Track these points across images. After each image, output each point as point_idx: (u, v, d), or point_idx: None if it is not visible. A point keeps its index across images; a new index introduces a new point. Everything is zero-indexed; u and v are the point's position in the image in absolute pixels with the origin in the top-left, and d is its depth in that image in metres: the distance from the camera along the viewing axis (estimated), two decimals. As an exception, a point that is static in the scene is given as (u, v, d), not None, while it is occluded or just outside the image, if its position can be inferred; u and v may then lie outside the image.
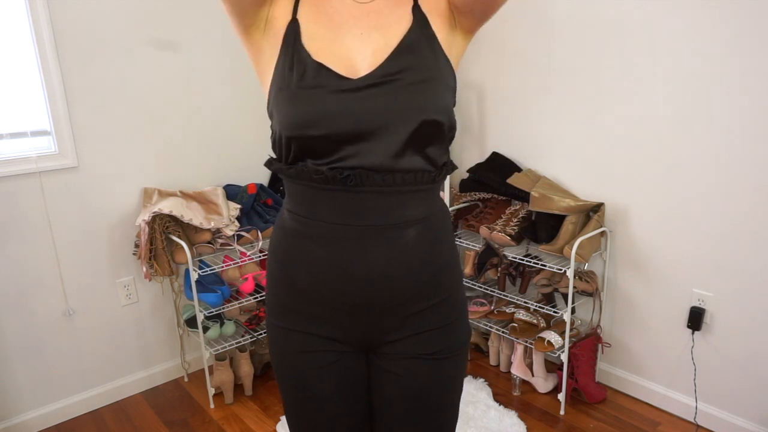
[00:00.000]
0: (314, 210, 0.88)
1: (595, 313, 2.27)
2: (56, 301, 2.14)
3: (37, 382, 2.14)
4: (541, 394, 2.30)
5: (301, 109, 0.83)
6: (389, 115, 0.83)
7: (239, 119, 2.51)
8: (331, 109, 0.82)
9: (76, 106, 2.05)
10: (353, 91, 0.83)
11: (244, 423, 2.17)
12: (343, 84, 0.83)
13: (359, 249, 0.87)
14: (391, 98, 0.83)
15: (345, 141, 0.83)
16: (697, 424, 2.08)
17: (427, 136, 0.85)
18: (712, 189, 1.90)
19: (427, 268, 0.91)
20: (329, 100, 0.83)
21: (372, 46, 0.86)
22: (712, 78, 1.83)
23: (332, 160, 0.84)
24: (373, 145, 0.83)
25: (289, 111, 0.84)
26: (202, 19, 2.31)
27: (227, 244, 2.26)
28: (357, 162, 0.84)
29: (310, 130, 0.82)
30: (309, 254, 0.89)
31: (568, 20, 2.15)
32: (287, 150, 0.86)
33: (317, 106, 0.82)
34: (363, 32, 0.87)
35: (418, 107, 0.84)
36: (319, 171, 0.84)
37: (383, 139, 0.83)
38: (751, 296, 1.88)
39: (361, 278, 0.88)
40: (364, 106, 0.83)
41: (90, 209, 2.16)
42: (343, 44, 0.86)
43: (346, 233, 0.87)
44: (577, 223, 2.17)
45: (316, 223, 0.88)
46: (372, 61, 0.85)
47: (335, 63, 0.84)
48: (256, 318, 2.45)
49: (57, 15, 1.95)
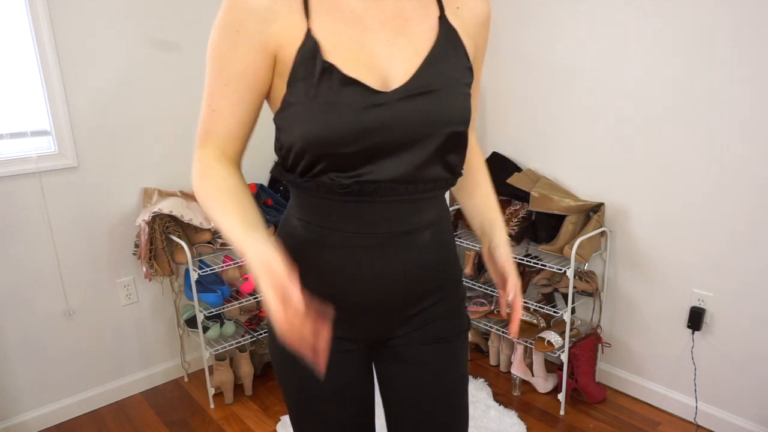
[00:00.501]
0: (330, 219, 0.86)
1: (595, 313, 2.27)
2: (56, 301, 2.14)
3: (37, 382, 2.14)
4: (541, 394, 2.30)
5: (331, 126, 0.78)
6: (420, 129, 0.81)
7: (239, 119, 2.50)
8: (364, 126, 0.78)
9: (76, 106, 2.05)
10: (386, 106, 0.79)
11: (244, 423, 2.18)
12: (376, 99, 0.79)
13: (377, 255, 0.87)
14: (423, 112, 0.81)
15: (374, 156, 0.81)
16: (697, 424, 2.08)
17: (450, 146, 0.85)
18: (712, 189, 1.90)
19: (438, 266, 0.94)
20: (362, 116, 0.78)
21: (401, 54, 0.82)
22: (713, 78, 1.82)
23: (357, 173, 0.81)
24: (401, 158, 0.82)
25: (315, 127, 0.79)
26: (202, 19, 2.31)
27: (227, 244, 2.26)
28: (382, 175, 0.82)
29: (341, 148, 0.79)
30: (324, 262, 0.88)
31: (568, 20, 2.15)
32: (309, 164, 0.82)
33: (349, 123, 0.78)
34: (389, 38, 0.82)
35: (446, 120, 0.83)
36: (343, 185, 0.81)
37: (411, 152, 0.82)
38: (751, 296, 1.88)
39: (378, 281, 0.88)
40: (397, 121, 0.80)
41: (90, 209, 2.16)
42: (371, 52, 0.81)
43: (364, 241, 0.86)
44: (577, 223, 2.17)
45: (333, 232, 0.86)
46: (402, 71, 0.81)
47: (365, 75, 0.79)
48: (256, 318, 2.45)
49: (57, 15, 1.95)
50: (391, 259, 0.87)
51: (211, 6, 2.32)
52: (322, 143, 0.79)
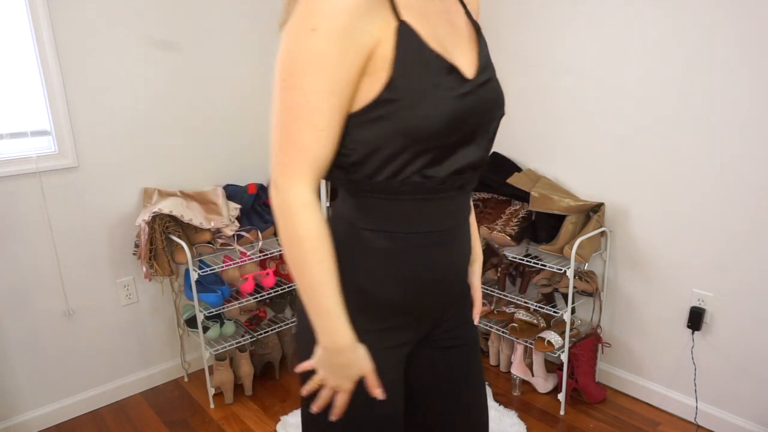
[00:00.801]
0: (406, 223, 0.84)
1: (595, 313, 2.27)
2: (56, 301, 2.14)
3: (37, 382, 2.14)
4: (541, 394, 2.30)
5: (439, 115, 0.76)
6: (492, 113, 0.85)
7: (239, 119, 2.51)
8: (462, 112, 0.78)
9: (76, 106, 2.05)
10: (472, 93, 0.80)
11: (244, 423, 2.18)
12: (467, 86, 0.80)
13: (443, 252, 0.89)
14: (494, 97, 0.85)
15: (465, 143, 0.82)
16: (697, 424, 2.08)
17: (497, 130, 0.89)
18: (712, 189, 1.90)
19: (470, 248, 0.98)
20: (460, 102, 0.78)
21: (461, 47, 0.84)
22: (713, 78, 1.82)
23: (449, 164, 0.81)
24: (477, 144, 0.84)
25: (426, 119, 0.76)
26: (202, 19, 2.31)
27: (227, 244, 2.26)
28: (467, 162, 0.83)
29: (444, 137, 0.78)
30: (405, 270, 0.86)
31: (568, 21, 2.15)
32: (404, 162, 0.79)
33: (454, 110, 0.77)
34: (450, 33, 0.84)
35: (503, 103, 0.88)
36: (434, 182, 0.81)
37: (483, 138, 0.85)
38: (751, 296, 1.88)
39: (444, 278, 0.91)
40: (480, 106, 0.82)
41: (90, 209, 2.16)
42: (450, 48, 0.82)
43: (434, 239, 0.87)
44: (577, 223, 2.17)
45: (410, 236, 0.85)
46: (468, 61, 0.83)
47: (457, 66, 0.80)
48: (256, 318, 2.45)
49: (57, 15, 1.95)
50: (450, 254, 0.90)
51: (212, 6, 2.32)
52: (427, 134, 0.76)
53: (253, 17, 2.46)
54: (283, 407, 2.27)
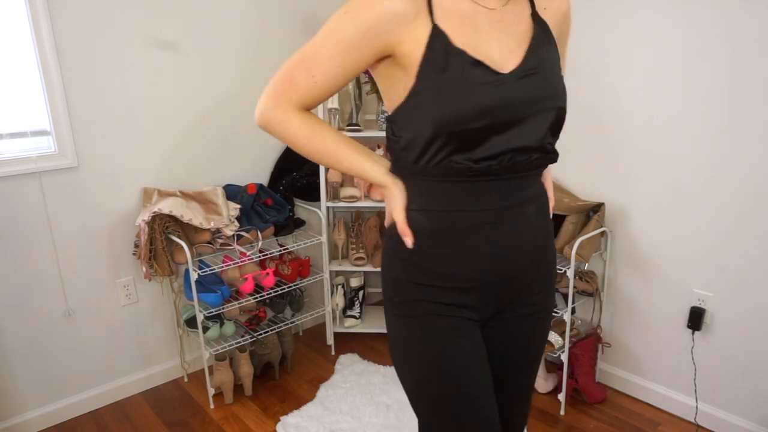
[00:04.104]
0: (453, 203, 0.96)
1: (595, 313, 2.27)
2: (56, 301, 2.14)
3: (37, 382, 2.14)
4: (541, 394, 2.30)
5: (464, 104, 0.90)
6: (534, 105, 0.94)
7: (239, 119, 2.51)
8: (489, 102, 0.90)
9: (76, 106, 2.05)
10: (506, 85, 0.92)
11: (244, 423, 2.17)
12: (499, 78, 0.92)
13: (496, 229, 0.97)
14: (536, 90, 0.95)
15: (498, 130, 0.92)
16: (697, 424, 2.08)
17: (560, 120, 0.99)
18: (712, 189, 1.90)
19: (543, 238, 1.04)
20: (488, 94, 0.90)
21: (507, 48, 0.96)
22: (713, 78, 1.82)
23: (482, 150, 0.92)
24: (520, 131, 0.94)
25: (450, 108, 0.90)
26: (203, 19, 2.31)
27: (227, 244, 2.26)
28: (506, 148, 0.93)
29: (471, 123, 0.90)
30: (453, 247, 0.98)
31: (568, 20, 2.14)
32: (438, 148, 0.92)
33: (478, 100, 0.90)
34: (498, 36, 0.96)
35: (555, 95, 0.98)
36: (468, 166, 0.93)
37: (530, 126, 0.94)
38: (751, 296, 1.88)
39: (500, 255, 0.99)
40: (516, 97, 0.92)
41: (90, 209, 2.16)
42: (485, 46, 0.94)
43: (485, 218, 0.97)
44: (577, 223, 2.17)
45: (457, 215, 0.97)
46: (512, 59, 0.95)
47: (487, 60, 0.92)
48: (256, 318, 2.45)
49: (57, 15, 1.95)
50: (507, 231, 0.98)
51: (212, 6, 2.32)
52: (453, 121, 0.90)
53: (254, 17, 2.46)
54: (282, 407, 2.27)
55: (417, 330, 1.02)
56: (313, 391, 2.36)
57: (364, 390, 2.32)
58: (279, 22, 2.54)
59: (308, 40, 0.96)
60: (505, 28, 0.97)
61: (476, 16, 0.95)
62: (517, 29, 0.98)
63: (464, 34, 0.93)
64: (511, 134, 0.93)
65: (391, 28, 0.91)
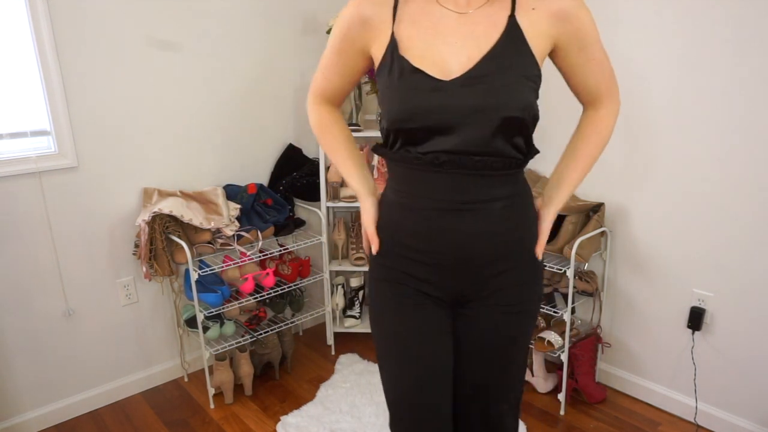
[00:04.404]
0: (413, 187, 1.07)
1: (595, 313, 2.27)
2: (56, 301, 2.14)
3: (37, 382, 2.14)
4: (541, 394, 2.30)
5: (400, 104, 1.01)
6: (474, 111, 0.98)
7: (239, 119, 2.51)
8: (424, 105, 0.99)
9: (76, 106, 2.05)
10: (445, 91, 0.99)
11: (244, 423, 2.17)
12: (437, 85, 0.99)
13: (453, 219, 1.05)
14: (478, 98, 0.98)
15: (436, 132, 1.00)
16: (697, 424, 2.08)
17: (510, 129, 1.00)
18: (712, 189, 1.90)
19: (510, 235, 1.09)
20: (423, 98, 0.99)
21: (467, 52, 1.00)
22: (713, 78, 1.83)
23: (425, 146, 1.02)
24: (462, 135, 0.99)
25: (392, 108, 1.02)
26: (202, 19, 2.31)
27: (227, 244, 2.26)
28: (445, 148, 1.00)
29: (408, 123, 1.01)
30: (411, 222, 1.08)
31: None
32: (393, 139, 1.06)
33: (413, 103, 1.00)
34: (458, 41, 1.01)
35: (499, 106, 0.98)
36: (417, 157, 1.03)
37: (471, 131, 0.99)
38: (751, 296, 1.88)
39: (454, 242, 1.06)
40: (452, 103, 0.98)
41: (90, 209, 2.16)
42: (439, 50, 1.01)
43: (440, 206, 1.05)
44: (577, 223, 2.17)
45: (416, 198, 1.07)
46: (462, 65, 0.99)
47: (430, 67, 1.00)
48: (256, 318, 2.45)
49: (57, 15, 1.95)
50: (465, 224, 1.05)
51: (211, 6, 2.32)
52: (394, 120, 1.02)
53: (254, 18, 2.46)
54: (282, 407, 2.27)
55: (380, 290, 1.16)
56: (313, 391, 2.36)
57: (364, 390, 2.32)
58: (279, 22, 2.54)
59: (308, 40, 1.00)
60: (471, 32, 1.01)
61: (441, 21, 1.02)
62: (484, 33, 1.00)
63: (417, 39, 1.02)
64: (454, 136, 1.00)
65: (361, 32, 1.07)
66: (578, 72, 1.09)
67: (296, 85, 2.66)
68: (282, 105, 2.64)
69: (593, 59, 1.08)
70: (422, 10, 1.03)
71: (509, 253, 1.09)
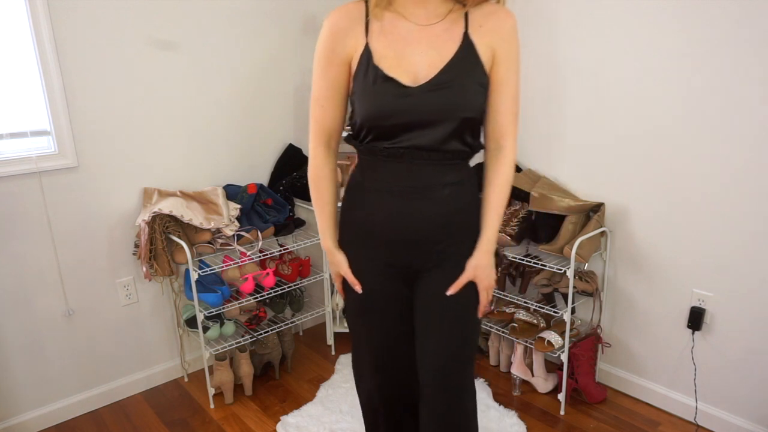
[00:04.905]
0: (377, 173, 1.25)
1: (595, 313, 2.27)
2: (56, 301, 2.14)
3: (37, 382, 2.14)
4: (541, 394, 2.30)
5: (375, 107, 1.18)
6: (438, 113, 1.17)
7: (239, 119, 2.51)
8: (394, 108, 1.17)
9: (76, 106, 2.05)
10: (413, 96, 1.16)
11: (244, 423, 2.17)
12: (406, 91, 1.17)
13: (407, 201, 1.24)
14: (441, 100, 1.17)
15: (404, 129, 1.19)
16: (697, 424, 2.08)
17: (465, 127, 1.20)
18: (712, 189, 1.90)
19: (454, 216, 1.27)
20: (394, 101, 1.17)
21: (429, 61, 1.17)
22: (713, 78, 1.82)
23: (395, 141, 1.20)
24: (425, 133, 1.18)
25: (367, 107, 1.19)
26: (202, 19, 2.31)
27: (227, 244, 2.26)
28: (411, 144, 1.19)
29: (381, 121, 1.19)
30: (371, 202, 1.27)
31: (569, 21, 2.15)
32: (365, 133, 1.22)
33: (386, 105, 1.17)
34: (424, 50, 1.18)
35: (460, 107, 1.17)
36: (385, 149, 1.21)
37: (433, 129, 1.18)
38: (751, 296, 1.88)
39: (408, 220, 1.25)
40: (419, 106, 1.17)
41: (90, 209, 2.16)
42: (409, 59, 1.18)
43: (402, 190, 1.24)
44: (577, 223, 2.17)
45: (378, 182, 1.26)
46: (429, 72, 1.17)
47: (401, 75, 1.17)
48: (256, 318, 2.45)
49: (57, 15, 1.95)
50: (417, 205, 1.24)
51: (211, 6, 2.32)
52: (370, 118, 1.19)
53: (254, 18, 2.46)
54: (283, 407, 2.27)
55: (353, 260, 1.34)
56: (314, 391, 2.36)
57: (364, 390, 2.32)
58: (280, 22, 2.54)
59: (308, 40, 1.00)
60: (433, 43, 1.19)
61: (408, 32, 1.19)
62: (444, 45, 1.18)
63: (389, 50, 1.19)
64: (417, 133, 1.18)
65: (340, 42, 1.21)
66: (499, 90, 1.23)
67: (296, 85, 2.66)
68: (282, 105, 2.64)
69: (511, 82, 1.24)
70: (391, 24, 1.20)
71: (455, 232, 1.28)
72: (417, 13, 1.19)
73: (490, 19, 1.20)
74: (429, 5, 1.19)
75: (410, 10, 1.19)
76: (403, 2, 1.20)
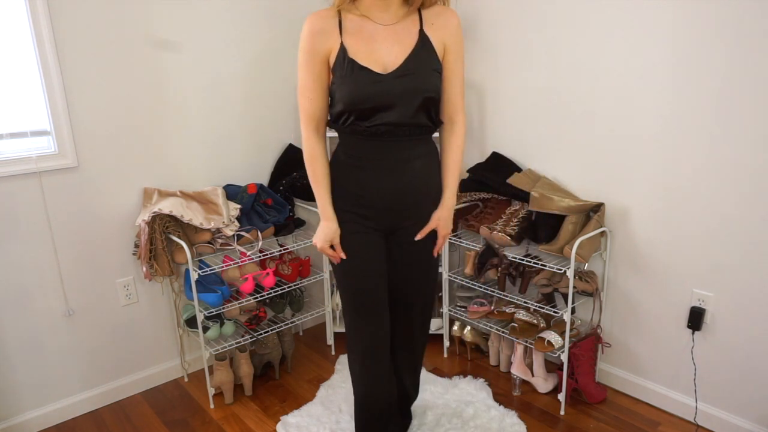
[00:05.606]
0: (360, 151, 1.54)
1: (595, 313, 2.27)
2: (56, 301, 2.14)
3: (37, 382, 2.14)
4: (541, 394, 2.30)
5: (354, 92, 1.46)
6: (406, 95, 1.47)
7: (239, 119, 2.51)
8: (371, 92, 1.46)
9: (76, 106, 2.05)
10: (384, 82, 1.46)
11: (244, 423, 2.17)
12: (378, 78, 1.46)
13: (388, 173, 1.55)
14: (407, 85, 1.47)
15: (380, 110, 1.47)
16: (697, 424, 2.08)
17: (429, 104, 1.51)
18: (712, 189, 1.90)
19: (424, 184, 1.62)
20: (371, 87, 1.46)
21: (395, 53, 1.48)
22: (713, 79, 1.82)
23: (372, 120, 1.48)
24: (396, 111, 1.47)
25: (347, 93, 1.47)
26: (203, 19, 2.31)
27: (227, 244, 2.26)
28: (385, 121, 1.48)
29: (360, 104, 1.47)
30: (358, 178, 1.57)
31: (567, 20, 2.14)
32: (346, 117, 1.50)
33: (363, 90, 1.46)
34: (388, 45, 1.48)
35: (422, 89, 1.49)
36: (366, 129, 1.49)
37: (403, 108, 1.48)
38: (751, 296, 1.88)
39: (390, 190, 1.56)
40: (391, 90, 1.46)
41: (90, 209, 2.16)
42: (378, 52, 1.48)
43: (380, 164, 1.54)
44: (577, 223, 2.17)
45: (362, 160, 1.55)
46: (395, 63, 1.47)
47: (373, 65, 1.46)
48: (256, 318, 2.45)
49: (57, 15, 1.95)
50: (397, 176, 1.55)
51: (211, 6, 2.32)
52: (351, 102, 1.47)
53: (254, 18, 2.46)
54: (283, 407, 2.27)
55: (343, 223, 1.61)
56: (313, 391, 2.36)
57: (364, 390, 2.32)
58: (280, 23, 2.54)
59: None
60: (396, 39, 1.48)
61: (375, 31, 1.48)
62: (405, 40, 1.48)
63: (360, 45, 1.47)
64: (390, 113, 1.47)
65: (321, 40, 1.48)
66: (450, 76, 1.56)
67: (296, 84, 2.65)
68: (282, 105, 2.64)
69: (459, 69, 1.57)
70: (359, 24, 1.48)
71: (422, 198, 1.62)
72: (381, 16, 1.49)
73: (440, 18, 1.52)
74: (390, 9, 1.48)
75: (375, 13, 1.49)
76: (369, 7, 1.48)
